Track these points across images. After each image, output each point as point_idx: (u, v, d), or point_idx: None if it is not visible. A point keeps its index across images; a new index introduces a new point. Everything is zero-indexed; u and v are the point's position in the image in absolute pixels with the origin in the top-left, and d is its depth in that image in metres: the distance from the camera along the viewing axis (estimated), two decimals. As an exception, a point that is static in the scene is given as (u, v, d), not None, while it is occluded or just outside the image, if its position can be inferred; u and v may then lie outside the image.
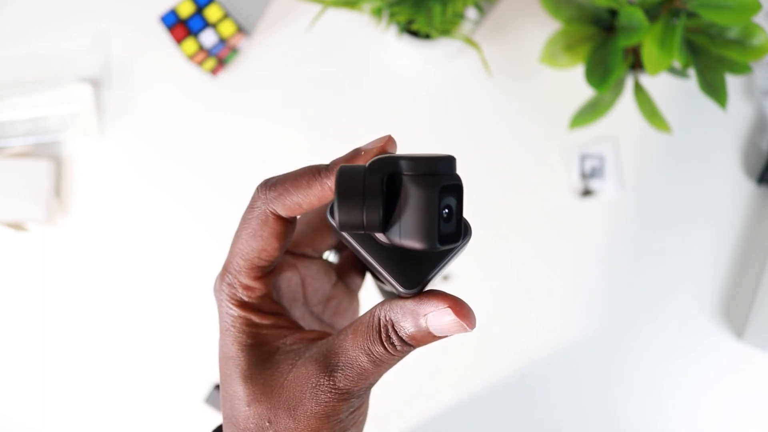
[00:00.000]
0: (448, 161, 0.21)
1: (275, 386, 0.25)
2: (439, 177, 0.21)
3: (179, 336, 0.71)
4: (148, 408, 0.71)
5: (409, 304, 0.24)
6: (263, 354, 0.26)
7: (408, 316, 0.24)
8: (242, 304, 0.27)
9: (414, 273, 0.23)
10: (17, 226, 0.71)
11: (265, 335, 0.27)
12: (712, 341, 0.69)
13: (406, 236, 0.21)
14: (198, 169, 0.72)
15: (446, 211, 0.21)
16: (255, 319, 0.27)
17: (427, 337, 0.24)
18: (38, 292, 0.72)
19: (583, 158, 0.70)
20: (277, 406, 0.25)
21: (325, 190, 0.24)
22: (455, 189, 0.21)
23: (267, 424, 0.25)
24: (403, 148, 0.51)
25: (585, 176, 0.70)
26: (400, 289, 0.23)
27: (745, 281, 0.69)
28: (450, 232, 0.21)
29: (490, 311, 0.70)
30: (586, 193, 0.70)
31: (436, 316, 0.23)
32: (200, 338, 0.70)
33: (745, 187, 0.70)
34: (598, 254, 0.70)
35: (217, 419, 0.69)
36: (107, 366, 0.71)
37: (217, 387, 0.69)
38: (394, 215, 0.21)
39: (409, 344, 0.24)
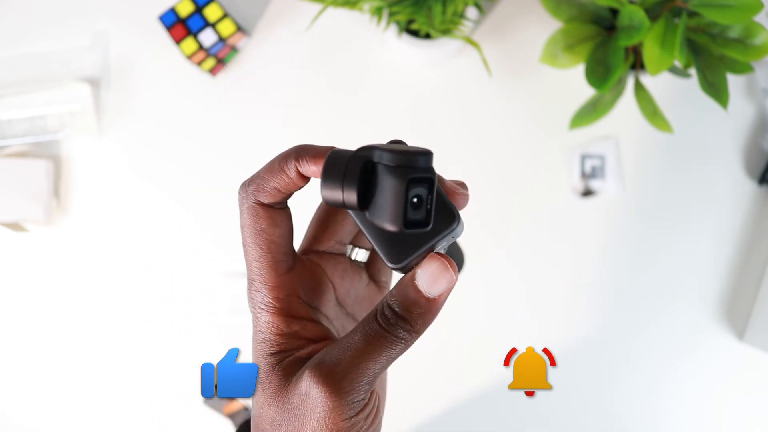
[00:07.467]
0: (424, 155, 0.24)
1: (281, 393, 0.26)
2: (410, 169, 0.24)
3: (179, 336, 0.71)
4: (148, 408, 0.71)
5: (402, 279, 0.25)
6: (283, 360, 0.27)
7: (397, 288, 0.25)
8: (272, 310, 0.27)
9: (400, 250, 0.25)
10: (16, 227, 0.71)
11: (287, 342, 0.28)
12: (713, 342, 0.69)
13: (379, 217, 0.24)
14: (197, 169, 0.72)
15: (415, 199, 0.24)
16: (282, 326, 0.27)
17: (416, 303, 0.25)
18: (37, 293, 0.72)
19: (584, 158, 0.70)
20: (283, 412, 0.26)
21: (293, 171, 0.26)
22: (426, 181, 0.24)
23: (278, 427, 0.26)
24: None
25: (585, 176, 0.70)
26: (388, 263, 0.25)
27: (746, 282, 0.69)
28: (418, 218, 0.24)
29: (491, 311, 0.70)
30: (587, 193, 0.70)
31: (424, 270, 0.25)
32: (200, 338, 0.70)
33: (746, 187, 0.70)
34: (599, 254, 0.70)
35: (217, 419, 0.69)
36: (107, 366, 0.71)
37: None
38: (374, 198, 0.24)
39: (401, 316, 0.25)
